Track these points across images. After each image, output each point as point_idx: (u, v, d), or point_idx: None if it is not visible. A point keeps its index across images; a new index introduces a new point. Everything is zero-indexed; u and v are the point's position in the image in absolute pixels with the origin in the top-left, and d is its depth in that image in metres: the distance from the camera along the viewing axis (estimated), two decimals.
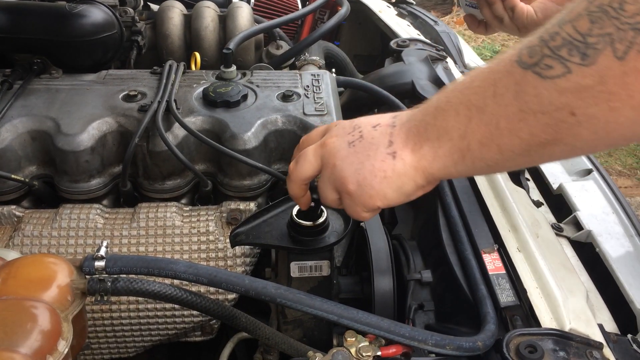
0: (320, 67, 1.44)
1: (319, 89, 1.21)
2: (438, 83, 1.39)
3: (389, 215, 1.28)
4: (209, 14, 1.46)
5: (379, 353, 0.76)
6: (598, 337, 0.80)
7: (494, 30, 1.15)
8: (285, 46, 1.53)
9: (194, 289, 0.99)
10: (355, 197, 0.69)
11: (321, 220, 0.87)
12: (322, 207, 0.89)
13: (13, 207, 1.06)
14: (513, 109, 0.56)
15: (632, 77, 0.49)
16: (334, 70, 1.38)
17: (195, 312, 1.03)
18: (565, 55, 0.52)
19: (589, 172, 1.24)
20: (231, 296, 1.04)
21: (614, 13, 0.50)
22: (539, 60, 0.54)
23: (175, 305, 1.00)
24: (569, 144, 0.56)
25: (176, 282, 0.95)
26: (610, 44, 0.50)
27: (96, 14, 1.24)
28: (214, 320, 1.08)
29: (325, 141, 0.72)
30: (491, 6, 1.08)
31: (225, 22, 1.47)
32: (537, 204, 1.12)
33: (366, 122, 0.71)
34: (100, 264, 0.72)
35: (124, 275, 0.74)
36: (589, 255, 1.02)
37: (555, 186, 1.18)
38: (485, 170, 0.64)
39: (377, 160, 0.67)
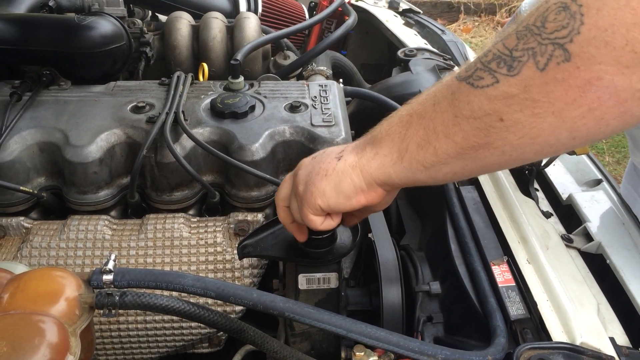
0: (327, 77, 1.44)
1: (327, 100, 1.21)
2: None
3: (396, 225, 1.28)
4: (217, 24, 1.46)
5: None
6: (610, 350, 0.79)
7: None
8: (292, 56, 1.54)
9: (201, 300, 0.99)
10: (302, 197, 0.75)
11: (329, 232, 0.87)
12: None
13: (21, 218, 1.07)
14: (448, 115, 0.63)
15: (552, 85, 0.55)
16: (341, 80, 1.38)
17: (202, 324, 1.02)
18: (494, 68, 0.59)
19: (598, 182, 1.23)
20: (239, 308, 1.03)
21: (537, 30, 0.56)
22: (472, 73, 0.61)
23: None
24: (499, 147, 0.61)
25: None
26: (532, 57, 0.56)
27: (105, 26, 1.25)
28: (221, 332, 1.07)
29: (298, 165, 0.80)
30: None
31: (232, 32, 1.47)
32: (547, 215, 1.11)
33: (338, 146, 0.79)
34: (108, 277, 0.72)
35: (132, 289, 0.74)
36: (600, 266, 1.01)
37: (564, 197, 1.17)
38: (422, 174, 0.68)
39: (325, 163, 0.75)
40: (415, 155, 0.67)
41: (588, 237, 1.05)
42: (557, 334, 0.82)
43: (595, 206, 1.13)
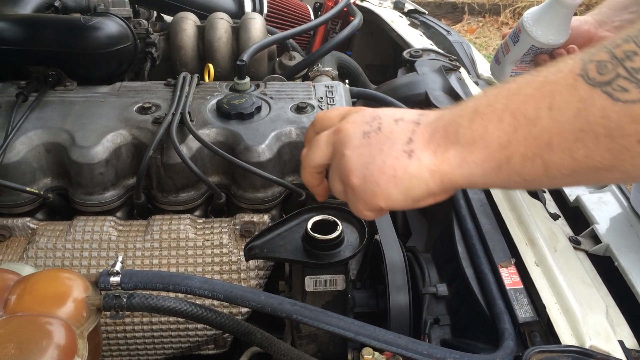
0: (333, 78, 1.44)
1: (333, 101, 1.21)
2: (452, 94, 1.38)
3: (402, 227, 1.27)
4: (222, 25, 1.46)
5: None
6: (619, 354, 0.78)
7: None
8: (298, 57, 1.53)
9: (207, 301, 0.98)
10: (357, 193, 0.64)
11: (336, 234, 0.87)
12: (336, 220, 0.89)
13: (27, 219, 1.07)
14: (571, 127, 0.51)
15: None
16: (347, 81, 1.38)
17: (208, 326, 1.02)
18: None
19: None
20: (244, 309, 1.03)
21: None
22: (611, 80, 0.49)
23: None
24: (626, 171, 0.51)
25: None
26: None
27: (111, 26, 1.24)
28: (227, 334, 1.07)
29: (341, 127, 0.67)
30: None
31: (238, 33, 1.47)
32: (554, 217, 1.11)
33: (389, 114, 0.66)
34: (115, 279, 0.71)
35: (140, 291, 0.74)
36: (607, 268, 1.01)
37: (572, 198, 1.16)
38: (519, 185, 0.59)
39: (390, 157, 0.62)
40: (519, 168, 0.56)
41: (596, 239, 1.05)
42: (566, 337, 0.81)
43: (602, 208, 1.12)
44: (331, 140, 0.68)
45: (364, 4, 2.10)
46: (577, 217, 1.14)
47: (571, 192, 1.19)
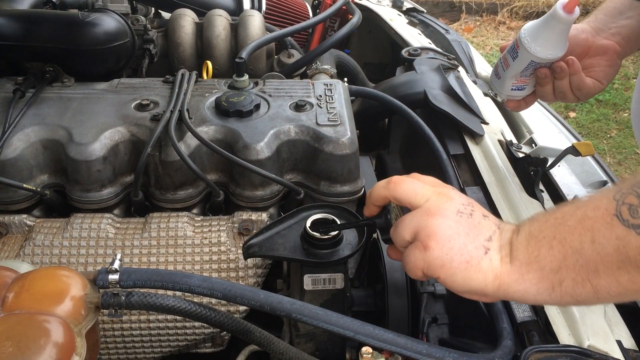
0: (332, 76, 1.44)
1: (332, 99, 1.20)
2: (450, 92, 1.38)
3: None
4: (221, 22, 1.46)
5: None
6: (617, 354, 0.79)
7: (533, 102, 1.16)
8: (296, 55, 1.53)
9: (205, 299, 0.98)
10: (428, 256, 0.68)
11: (335, 232, 0.87)
12: (335, 219, 0.89)
13: (24, 216, 1.06)
14: (613, 259, 0.59)
15: None
16: (345, 79, 1.38)
17: (206, 324, 1.02)
18: None
19: (604, 183, 1.23)
20: (242, 308, 1.03)
21: None
22: None
23: None
24: None
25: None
26: None
27: (109, 23, 1.24)
28: (225, 332, 1.07)
29: (441, 192, 0.72)
30: (556, 83, 1.07)
31: (236, 30, 1.47)
32: None
33: (480, 208, 0.73)
34: (114, 277, 0.71)
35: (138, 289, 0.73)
36: None
37: (570, 198, 1.17)
38: (570, 304, 0.67)
39: (472, 244, 0.68)
40: (570, 290, 0.63)
41: None
42: (564, 337, 0.81)
43: None
44: (427, 196, 0.72)
45: (363, 2, 2.10)
46: None
47: (569, 192, 1.19)
